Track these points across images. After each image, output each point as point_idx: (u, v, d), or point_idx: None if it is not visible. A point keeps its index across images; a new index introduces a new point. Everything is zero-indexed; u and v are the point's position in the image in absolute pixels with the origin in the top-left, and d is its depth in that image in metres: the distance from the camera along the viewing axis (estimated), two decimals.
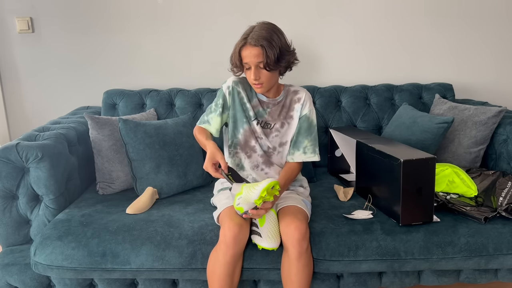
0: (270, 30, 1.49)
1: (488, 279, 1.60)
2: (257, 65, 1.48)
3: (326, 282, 1.54)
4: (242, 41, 1.50)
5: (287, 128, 1.64)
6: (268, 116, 1.63)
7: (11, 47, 2.31)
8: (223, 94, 1.61)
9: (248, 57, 1.48)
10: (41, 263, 1.46)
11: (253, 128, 1.62)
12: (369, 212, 1.59)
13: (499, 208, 1.55)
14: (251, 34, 1.48)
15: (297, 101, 1.63)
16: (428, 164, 1.46)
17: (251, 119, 1.61)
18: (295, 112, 1.63)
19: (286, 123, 1.64)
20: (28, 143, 1.60)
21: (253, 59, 1.47)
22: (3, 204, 1.59)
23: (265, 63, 1.46)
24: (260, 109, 1.63)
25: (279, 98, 1.63)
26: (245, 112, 1.61)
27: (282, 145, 1.65)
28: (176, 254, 1.45)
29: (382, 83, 2.32)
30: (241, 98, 1.61)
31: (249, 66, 1.50)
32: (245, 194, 1.36)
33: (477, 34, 2.39)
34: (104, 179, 1.84)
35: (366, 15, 2.34)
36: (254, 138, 1.62)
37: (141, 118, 2.01)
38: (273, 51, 1.45)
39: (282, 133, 1.64)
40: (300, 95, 1.64)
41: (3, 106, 2.36)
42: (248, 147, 1.63)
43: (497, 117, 1.91)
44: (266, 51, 1.45)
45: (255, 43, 1.45)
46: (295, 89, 1.66)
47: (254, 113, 1.61)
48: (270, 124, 1.63)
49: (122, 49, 2.34)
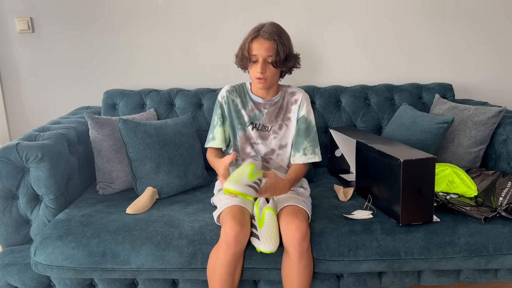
0: (281, 29, 1.55)
1: (488, 279, 1.60)
2: (265, 59, 1.52)
3: (326, 282, 1.54)
4: (254, 33, 1.53)
5: (285, 130, 1.64)
6: (265, 118, 1.64)
7: (11, 47, 2.31)
8: (220, 104, 1.66)
9: (258, 49, 1.51)
10: (41, 263, 1.46)
11: (248, 134, 1.64)
12: (369, 212, 1.59)
13: (499, 208, 1.55)
14: (263, 28, 1.53)
15: (294, 103, 1.64)
16: (428, 164, 1.46)
17: (245, 125, 1.64)
18: (292, 114, 1.64)
19: (284, 125, 1.64)
20: (28, 143, 1.60)
21: (264, 52, 1.51)
22: (3, 204, 1.60)
23: (275, 59, 1.50)
24: (256, 112, 1.64)
25: (275, 98, 1.64)
26: (240, 119, 1.64)
27: (282, 148, 1.65)
28: (176, 254, 1.45)
29: (382, 83, 2.32)
30: (235, 106, 1.65)
31: (257, 59, 1.53)
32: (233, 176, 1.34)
33: (477, 34, 2.39)
34: (104, 179, 1.84)
35: (366, 15, 2.34)
36: (250, 144, 1.65)
37: (141, 118, 2.01)
38: (283, 48, 1.50)
39: (281, 136, 1.64)
40: (297, 97, 1.65)
41: (3, 106, 2.36)
42: (244, 153, 1.65)
43: (497, 117, 1.91)
44: (277, 47, 1.49)
45: (268, 37, 1.50)
46: (293, 90, 1.67)
47: (249, 118, 1.64)
48: (267, 127, 1.64)
49: (122, 49, 2.34)
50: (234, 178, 1.33)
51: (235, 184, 1.30)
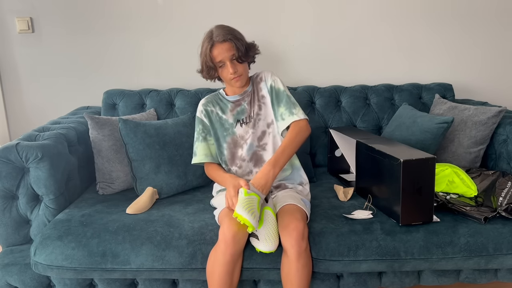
0: (228, 27, 1.60)
1: (488, 279, 1.60)
2: (231, 59, 1.57)
3: (326, 282, 1.54)
4: (209, 42, 1.57)
5: (264, 108, 1.68)
6: (248, 109, 1.68)
7: (11, 47, 2.31)
8: (201, 120, 1.68)
9: (221, 54, 1.56)
10: (41, 263, 1.46)
11: (237, 136, 1.66)
12: (369, 212, 1.59)
13: (499, 208, 1.55)
14: (214, 34, 1.57)
15: (260, 81, 1.70)
16: (428, 164, 1.46)
17: (233, 127, 1.66)
18: (263, 91, 1.69)
19: (262, 104, 1.69)
20: (28, 143, 1.60)
21: (226, 54, 1.56)
22: (3, 204, 1.60)
23: (238, 55, 1.55)
24: (238, 108, 1.68)
25: (249, 88, 1.70)
26: (224, 125, 1.67)
27: (270, 125, 1.68)
28: (176, 254, 1.45)
29: (382, 83, 2.32)
30: (216, 114, 1.68)
31: (223, 62, 1.58)
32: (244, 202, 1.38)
33: (477, 34, 2.39)
34: (104, 179, 1.84)
35: (366, 15, 2.34)
36: (240, 146, 1.66)
37: (141, 118, 2.01)
38: (240, 42, 1.56)
39: (264, 114, 1.68)
40: (261, 75, 1.72)
41: (3, 106, 2.36)
42: (237, 158, 1.66)
43: (497, 117, 1.91)
44: (235, 43, 1.55)
45: (223, 39, 1.55)
46: (257, 73, 1.74)
47: (234, 118, 1.67)
48: (252, 114, 1.67)
49: (122, 49, 2.34)
50: (245, 205, 1.36)
51: (247, 213, 1.34)
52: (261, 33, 2.31)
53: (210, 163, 1.68)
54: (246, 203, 1.36)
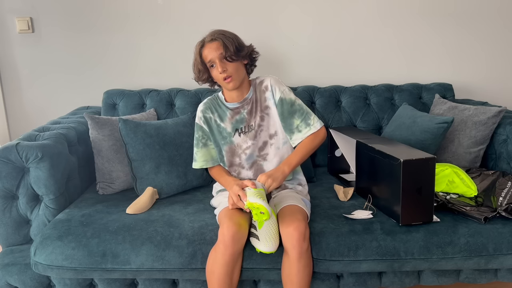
0: (222, 30, 1.58)
1: (488, 279, 1.60)
2: (220, 58, 1.53)
3: (326, 282, 1.54)
4: (200, 44, 1.58)
5: (268, 119, 1.64)
6: (247, 118, 1.63)
7: (11, 47, 2.31)
8: (200, 126, 1.66)
9: (209, 54, 1.54)
10: (41, 263, 1.46)
11: (235, 145, 1.64)
12: (369, 212, 1.59)
13: (499, 208, 1.55)
14: (205, 37, 1.57)
15: (266, 90, 1.64)
16: (428, 164, 1.46)
17: (230, 136, 1.64)
18: (268, 101, 1.63)
19: (265, 115, 1.64)
20: (28, 143, 1.60)
21: (215, 53, 1.53)
22: (3, 204, 1.60)
23: (226, 53, 1.52)
24: (237, 117, 1.64)
25: (249, 95, 1.64)
26: (222, 133, 1.65)
27: (273, 137, 1.65)
28: (176, 254, 1.45)
29: (382, 83, 2.32)
30: (214, 122, 1.65)
31: (213, 62, 1.55)
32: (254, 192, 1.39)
33: (477, 34, 2.39)
34: (104, 179, 1.84)
35: (366, 15, 2.34)
36: (237, 156, 1.64)
37: (141, 118, 2.01)
38: (230, 41, 1.53)
39: (266, 126, 1.64)
40: (266, 83, 1.64)
41: (3, 106, 2.36)
42: (235, 165, 1.66)
43: (497, 117, 1.91)
44: (224, 42, 1.52)
45: (212, 39, 1.54)
46: (260, 79, 1.67)
47: (232, 127, 1.64)
48: (252, 125, 1.63)
49: (122, 49, 2.34)
50: (257, 194, 1.36)
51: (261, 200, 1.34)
52: (261, 33, 2.31)
53: (213, 166, 1.68)
54: (257, 193, 1.37)
